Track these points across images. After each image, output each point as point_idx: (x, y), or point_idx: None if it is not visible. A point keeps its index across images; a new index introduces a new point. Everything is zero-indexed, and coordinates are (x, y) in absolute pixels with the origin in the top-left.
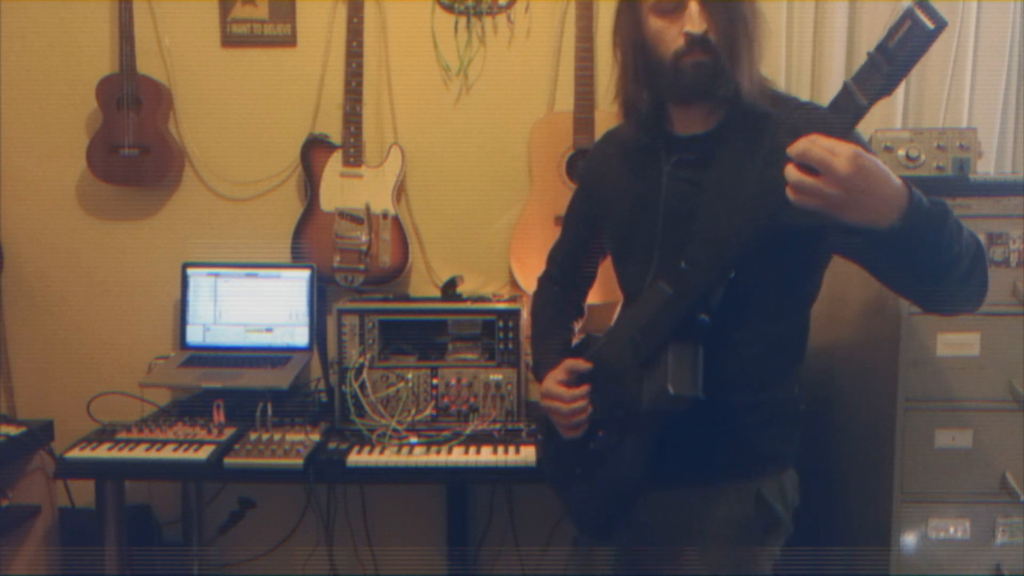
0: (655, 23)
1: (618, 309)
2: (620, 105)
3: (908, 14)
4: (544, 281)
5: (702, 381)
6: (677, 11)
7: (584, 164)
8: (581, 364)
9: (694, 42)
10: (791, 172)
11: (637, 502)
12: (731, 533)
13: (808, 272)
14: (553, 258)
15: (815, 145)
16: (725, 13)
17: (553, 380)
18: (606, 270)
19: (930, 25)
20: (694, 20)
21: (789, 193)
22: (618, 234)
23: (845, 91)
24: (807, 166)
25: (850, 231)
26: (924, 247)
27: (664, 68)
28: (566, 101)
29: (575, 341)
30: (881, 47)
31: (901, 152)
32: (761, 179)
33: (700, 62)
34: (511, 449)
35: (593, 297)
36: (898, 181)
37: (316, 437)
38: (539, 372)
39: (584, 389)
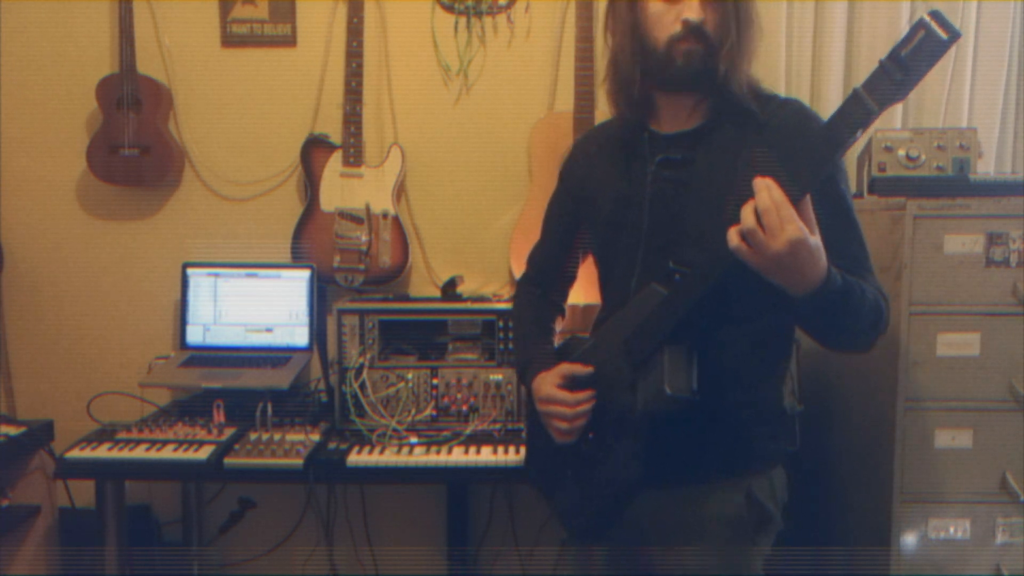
0: (654, 6)
1: (598, 310)
2: (608, 90)
3: (922, 24)
4: (524, 283)
5: (696, 381)
6: None
7: (565, 164)
8: (579, 368)
9: (690, 30)
10: (733, 236)
11: (630, 503)
12: (722, 531)
13: None
14: (533, 260)
15: (773, 212)
16: (724, 6)
17: (550, 384)
18: (593, 271)
19: (943, 35)
20: (693, 8)
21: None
22: (601, 235)
23: (855, 97)
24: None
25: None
26: (820, 316)
27: (657, 52)
28: (566, 101)
29: (558, 342)
30: (894, 55)
31: (901, 152)
32: (746, 179)
33: (692, 50)
34: (511, 449)
35: (586, 298)
36: (823, 264)
37: (316, 437)
38: (525, 375)
39: (588, 394)
